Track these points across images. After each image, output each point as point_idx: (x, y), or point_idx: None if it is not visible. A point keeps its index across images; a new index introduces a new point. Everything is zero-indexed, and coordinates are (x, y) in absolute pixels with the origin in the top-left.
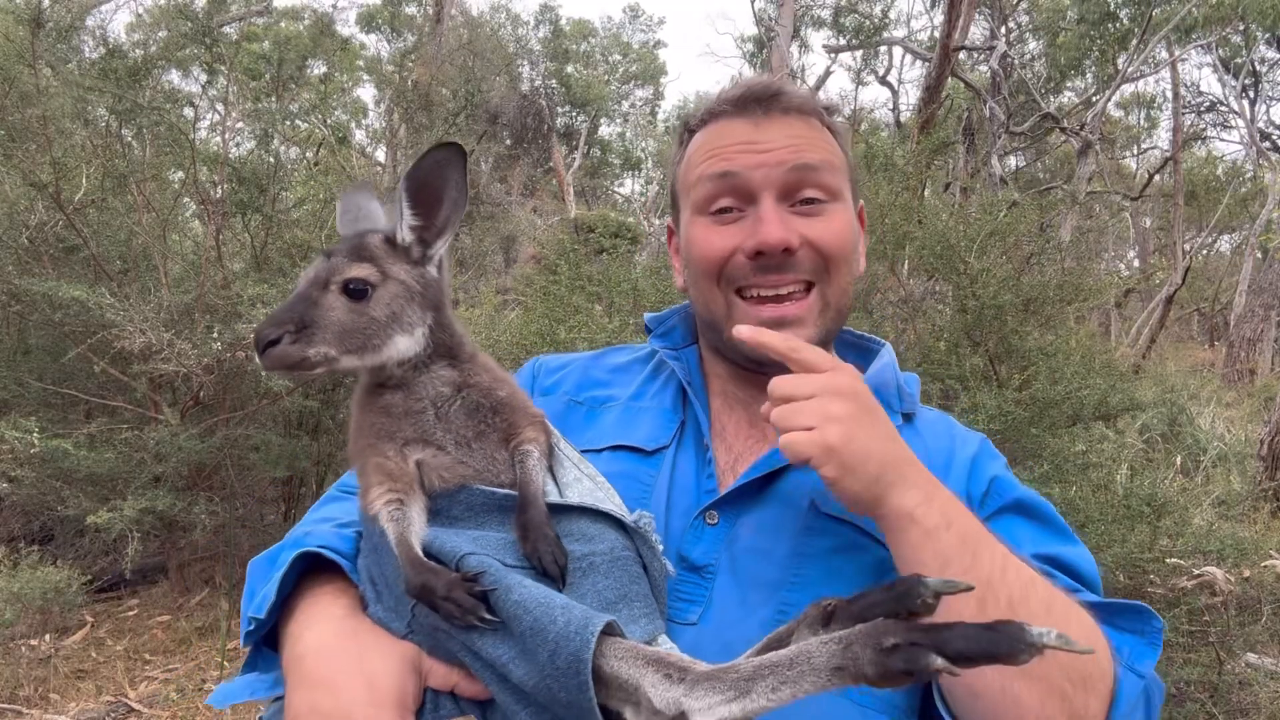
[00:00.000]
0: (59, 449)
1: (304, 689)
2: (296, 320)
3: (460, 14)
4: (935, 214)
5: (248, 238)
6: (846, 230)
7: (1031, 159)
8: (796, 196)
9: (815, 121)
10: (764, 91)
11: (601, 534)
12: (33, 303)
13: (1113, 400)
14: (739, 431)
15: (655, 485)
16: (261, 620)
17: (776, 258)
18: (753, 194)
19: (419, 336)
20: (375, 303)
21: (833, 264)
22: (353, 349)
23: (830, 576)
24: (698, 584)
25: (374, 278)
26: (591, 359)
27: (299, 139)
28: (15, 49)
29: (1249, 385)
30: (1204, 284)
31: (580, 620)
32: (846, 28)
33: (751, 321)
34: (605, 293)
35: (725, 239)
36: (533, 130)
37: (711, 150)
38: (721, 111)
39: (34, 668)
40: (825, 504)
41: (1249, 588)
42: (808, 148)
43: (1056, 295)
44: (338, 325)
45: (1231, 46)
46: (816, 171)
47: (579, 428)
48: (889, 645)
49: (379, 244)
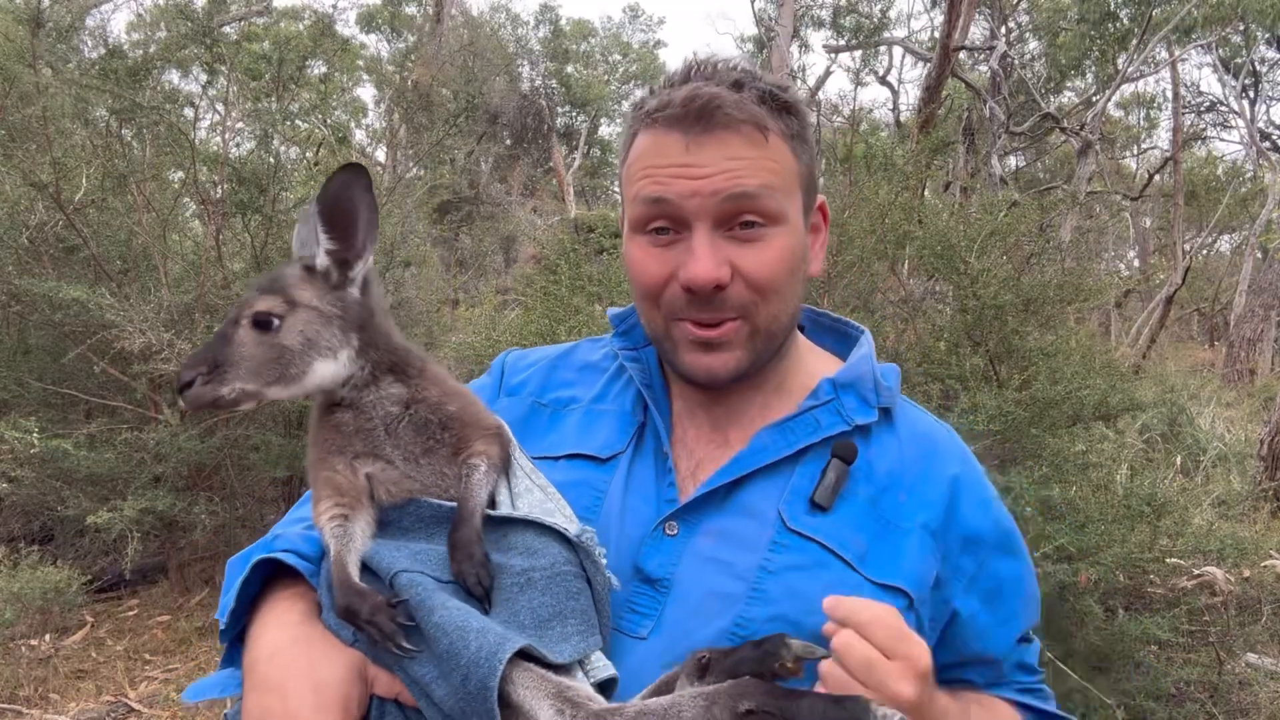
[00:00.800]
0: (59, 449)
1: (257, 692)
2: (209, 360)
3: (460, 14)
4: (935, 214)
5: (248, 238)
6: (784, 257)
7: (1031, 159)
8: (735, 221)
9: (758, 135)
10: (702, 108)
11: (545, 548)
12: (33, 303)
13: (1113, 400)
14: (700, 436)
15: (608, 493)
16: (227, 623)
17: (707, 293)
18: (686, 221)
19: (344, 359)
20: (285, 332)
21: (765, 295)
22: (271, 380)
23: (790, 595)
24: (652, 597)
25: (279, 308)
26: (560, 356)
27: (299, 139)
28: (15, 49)
29: (1249, 385)
30: (1204, 284)
31: (491, 646)
32: (846, 28)
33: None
34: (605, 293)
35: (660, 265)
36: (533, 130)
37: (647, 168)
38: (660, 123)
39: (34, 668)
40: (793, 518)
41: (1249, 588)
42: (746, 172)
43: (1057, 295)
44: (250, 360)
45: (1231, 46)
46: (754, 199)
47: (542, 431)
48: (743, 710)
49: (294, 274)
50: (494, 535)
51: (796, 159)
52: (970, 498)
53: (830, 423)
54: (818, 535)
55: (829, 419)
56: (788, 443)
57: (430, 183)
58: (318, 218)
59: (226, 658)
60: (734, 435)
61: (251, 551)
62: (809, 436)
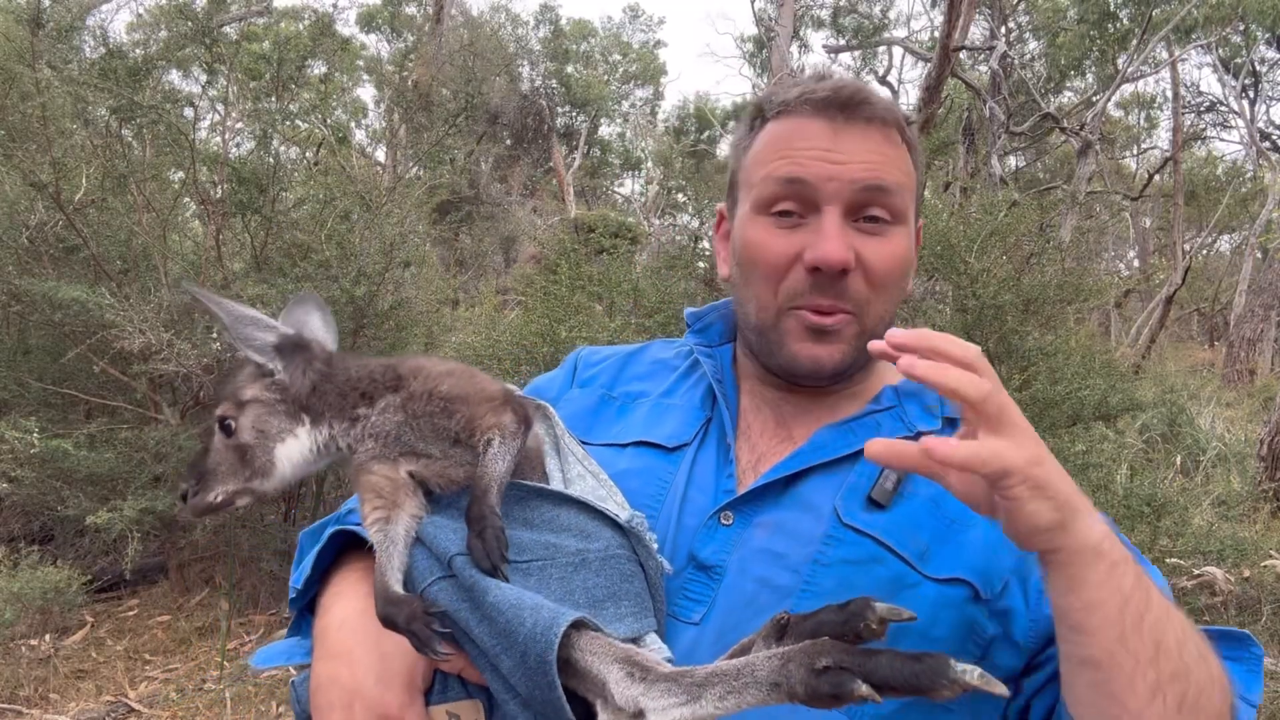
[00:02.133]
0: (59, 449)
1: (326, 660)
2: (195, 473)
3: (460, 14)
4: (936, 214)
5: (248, 238)
6: (903, 255)
7: (1031, 159)
8: (862, 213)
9: (895, 135)
10: (850, 97)
11: (598, 532)
12: (33, 303)
13: (1113, 400)
14: (765, 431)
15: (673, 482)
16: (300, 590)
17: (832, 276)
18: (818, 204)
19: (302, 436)
20: (241, 431)
21: (879, 291)
22: (248, 478)
23: (843, 588)
24: (705, 584)
25: (229, 410)
26: (632, 353)
27: (299, 139)
28: (15, 49)
29: (1249, 385)
30: (1204, 284)
31: (547, 621)
32: (846, 28)
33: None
34: (606, 292)
35: (786, 244)
36: (533, 130)
37: (783, 150)
38: (807, 107)
39: (34, 668)
40: (849, 514)
41: (1249, 588)
42: (885, 166)
43: (1057, 295)
44: (223, 464)
45: (1231, 46)
46: (888, 194)
47: (609, 422)
48: (820, 667)
49: (246, 374)
50: (546, 514)
51: (918, 173)
52: None
53: (891, 427)
54: (873, 531)
55: (890, 424)
56: (846, 442)
57: (430, 183)
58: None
59: (294, 626)
60: (798, 433)
61: (325, 523)
62: (869, 438)
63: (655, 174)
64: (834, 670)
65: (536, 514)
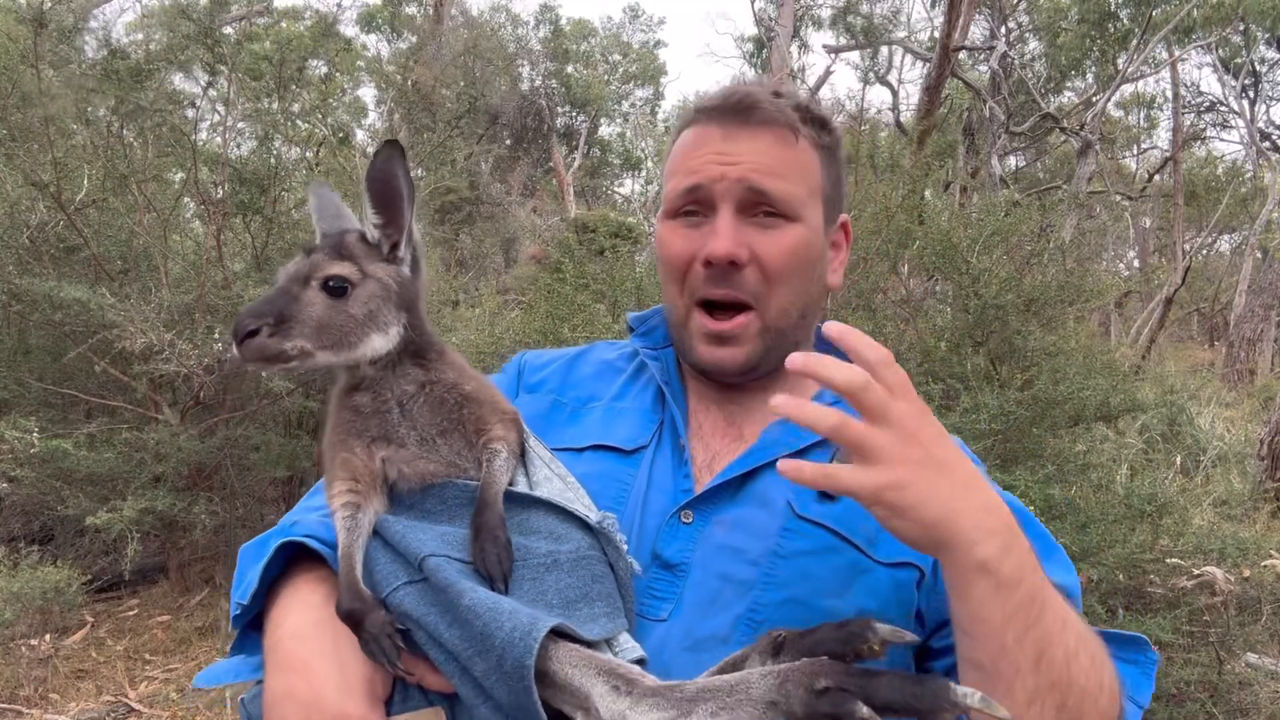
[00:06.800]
0: (59, 449)
1: (280, 673)
2: (276, 313)
3: (460, 14)
4: (936, 214)
5: (248, 238)
6: (796, 249)
7: (1031, 159)
8: (756, 209)
9: (789, 136)
10: (741, 103)
11: (568, 533)
12: (33, 303)
13: (1114, 401)
14: (716, 430)
15: (633, 485)
16: (246, 605)
17: (723, 269)
18: (714, 204)
19: (392, 335)
20: (354, 300)
21: (775, 283)
22: (328, 345)
23: (803, 578)
24: (670, 581)
25: (354, 276)
26: (576, 356)
27: (300, 139)
28: (18, 49)
29: (1249, 385)
30: (1204, 284)
31: (525, 625)
32: (855, 27)
33: (699, 334)
34: (609, 292)
35: (686, 243)
36: (533, 130)
37: (684, 160)
38: (704, 116)
39: (34, 668)
40: (802, 506)
41: (1249, 588)
42: (772, 169)
43: (1058, 296)
44: (316, 321)
45: (1231, 47)
46: (772, 195)
47: (562, 426)
48: (820, 688)
49: (357, 242)
50: (517, 518)
51: (823, 170)
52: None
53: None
54: (826, 520)
55: None
56: (796, 436)
57: (432, 184)
58: (367, 193)
59: (237, 644)
60: (747, 430)
61: (268, 537)
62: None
63: (655, 174)
64: (834, 691)
65: (511, 517)
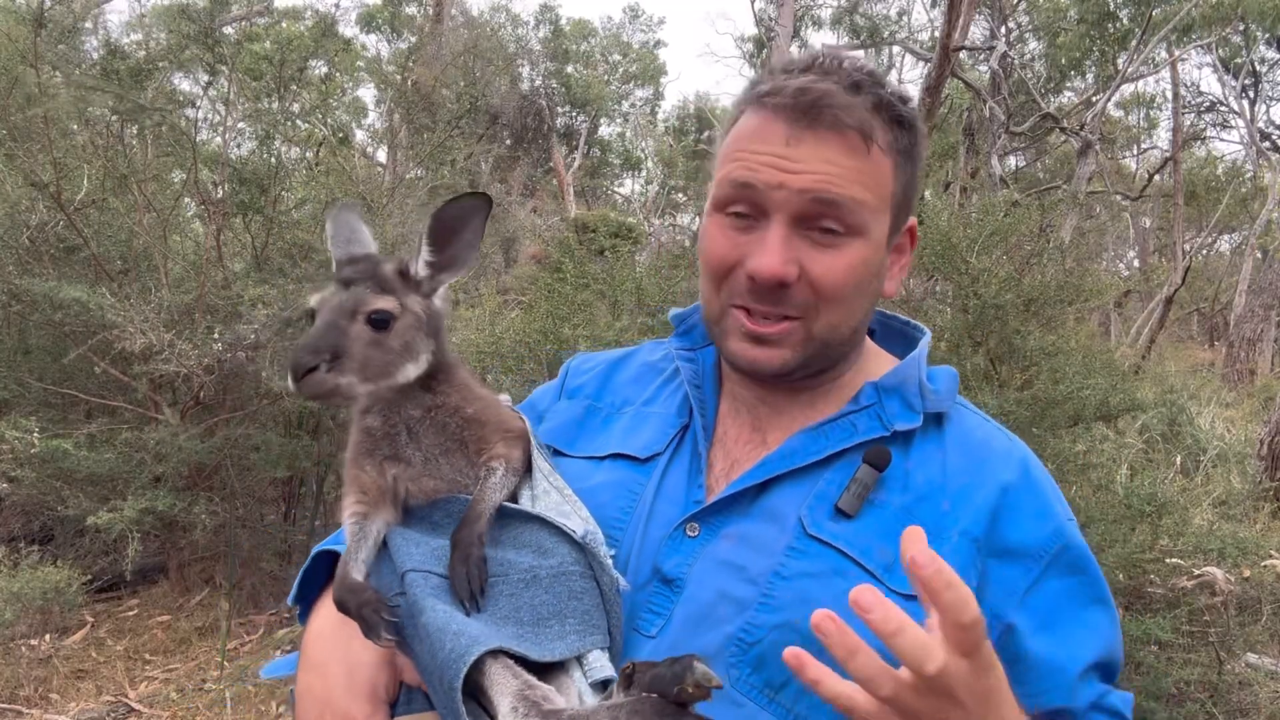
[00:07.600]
0: (59, 449)
1: (304, 671)
2: (331, 349)
3: (460, 14)
4: (936, 214)
5: (248, 238)
6: (854, 269)
7: (1031, 159)
8: (814, 223)
9: (860, 143)
10: (812, 103)
11: (556, 548)
12: (33, 303)
13: (1114, 401)
14: (740, 436)
15: (642, 494)
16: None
17: (769, 286)
18: (767, 211)
19: (422, 363)
20: (394, 334)
21: (826, 302)
22: (370, 378)
23: (801, 601)
24: (666, 597)
25: (395, 310)
26: (619, 359)
27: (300, 139)
28: (18, 49)
29: (1249, 385)
30: (1204, 284)
31: (462, 649)
32: (861, 28)
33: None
34: (610, 291)
35: (732, 248)
36: (533, 130)
37: (740, 152)
38: (769, 107)
39: (34, 668)
40: (814, 524)
41: (1249, 588)
42: (839, 180)
43: (1058, 296)
44: (362, 356)
45: (1231, 46)
46: (838, 208)
47: (593, 433)
48: None
49: (394, 275)
50: (512, 532)
51: (895, 176)
52: (1024, 507)
53: (867, 428)
54: (838, 542)
55: (866, 424)
56: (819, 447)
57: (431, 183)
58: (428, 229)
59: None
60: (773, 437)
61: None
62: (842, 441)
63: (657, 174)
64: None
65: (505, 531)
